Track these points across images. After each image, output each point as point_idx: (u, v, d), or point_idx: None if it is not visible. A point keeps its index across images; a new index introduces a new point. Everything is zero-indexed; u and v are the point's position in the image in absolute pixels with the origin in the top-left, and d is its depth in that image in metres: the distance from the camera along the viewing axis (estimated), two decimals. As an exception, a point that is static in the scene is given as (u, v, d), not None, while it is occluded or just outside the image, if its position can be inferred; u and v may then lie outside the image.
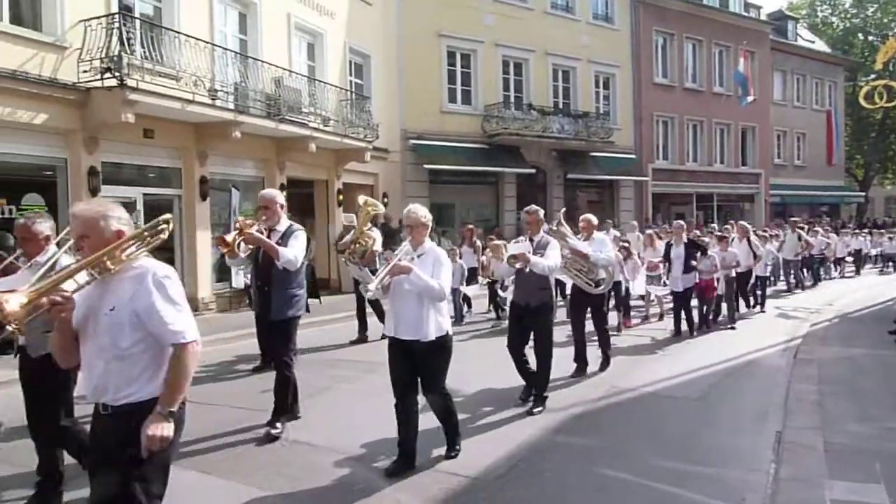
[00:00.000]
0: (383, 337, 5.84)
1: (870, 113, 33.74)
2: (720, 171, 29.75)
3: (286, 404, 5.79)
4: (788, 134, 34.02)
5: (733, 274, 11.47)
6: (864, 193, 41.24)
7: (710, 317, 11.26)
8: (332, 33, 16.57)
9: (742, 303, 12.79)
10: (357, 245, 8.29)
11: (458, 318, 11.53)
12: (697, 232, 16.59)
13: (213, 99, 11.91)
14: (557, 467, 5.01)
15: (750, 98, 27.53)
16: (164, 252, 12.48)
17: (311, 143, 14.32)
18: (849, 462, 4.80)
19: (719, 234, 12.59)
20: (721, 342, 9.95)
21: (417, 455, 4.89)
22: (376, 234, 8.61)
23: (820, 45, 38.44)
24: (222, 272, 13.28)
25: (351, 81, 17.56)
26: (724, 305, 11.61)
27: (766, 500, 4.34)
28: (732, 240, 12.40)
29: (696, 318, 10.69)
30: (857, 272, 21.91)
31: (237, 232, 5.55)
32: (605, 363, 7.99)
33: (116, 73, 10.12)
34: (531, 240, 6.42)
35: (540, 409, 6.25)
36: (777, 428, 5.78)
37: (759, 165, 31.35)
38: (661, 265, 11.25)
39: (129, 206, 11.84)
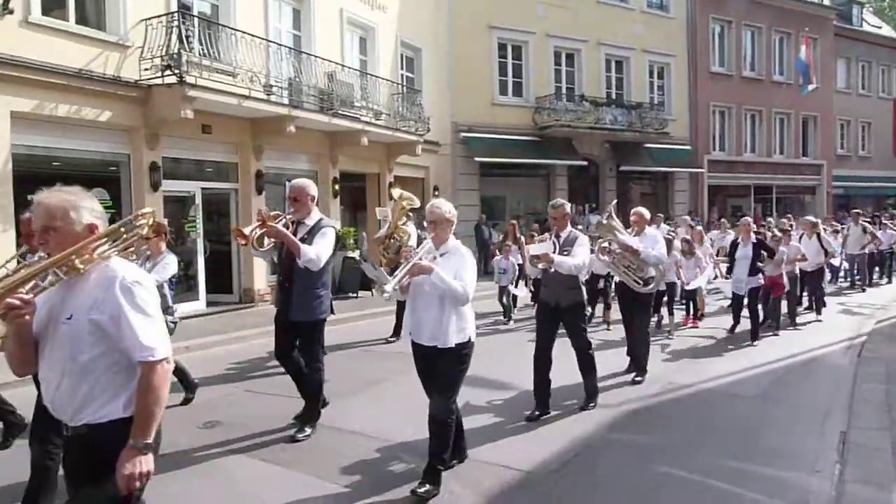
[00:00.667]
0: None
1: (940, 100, 32.12)
2: (780, 162, 28.81)
3: (316, 410, 5.59)
4: (852, 123, 32.67)
5: (797, 272, 10.92)
6: (933, 185, 39.34)
7: (772, 318, 10.33)
8: (384, 27, 16.67)
9: (803, 304, 12.09)
10: (392, 240, 8.13)
11: (507, 318, 11.31)
12: (754, 226, 15.86)
13: (268, 94, 12.14)
14: (612, 464, 4.96)
15: (812, 86, 26.56)
16: (221, 245, 12.85)
17: (363, 137, 14.46)
18: (920, 465, 4.61)
19: (781, 228, 11.90)
20: (781, 339, 9.66)
21: (469, 446, 4.91)
22: (412, 230, 8.40)
23: (887, 31, 36.73)
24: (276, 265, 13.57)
25: (402, 75, 17.65)
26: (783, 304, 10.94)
27: (830, 502, 4.21)
28: (801, 236, 11.87)
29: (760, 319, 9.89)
30: None
31: (258, 224, 5.19)
32: (638, 368, 7.32)
33: (176, 71, 10.40)
34: (557, 236, 6.04)
35: (592, 405, 6.15)
36: (841, 428, 5.59)
37: (820, 156, 30.23)
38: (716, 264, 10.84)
39: (189, 199, 12.21)
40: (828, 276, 12.27)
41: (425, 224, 5.30)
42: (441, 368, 4.36)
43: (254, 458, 5.08)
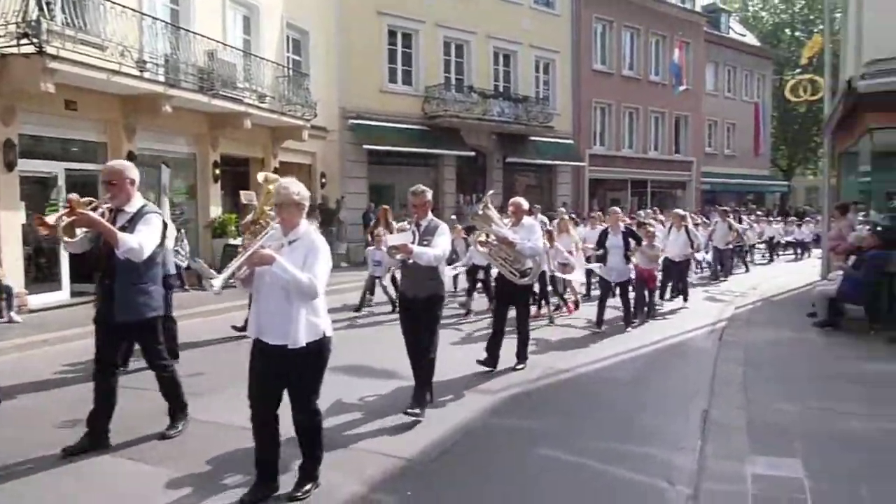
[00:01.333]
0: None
1: (794, 106, 35.11)
2: (654, 158, 30.51)
3: (180, 406, 5.26)
4: (719, 124, 35.16)
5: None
6: (787, 183, 43.14)
7: (647, 308, 10.73)
8: (269, 7, 16.09)
9: (663, 297, 12.47)
10: (257, 226, 7.82)
11: (393, 307, 10.80)
12: (627, 219, 16.44)
13: (141, 70, 11.40)
14: (493, 449, 5.04)
15: (683, 87, 28.26)
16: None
17: (246, 120, 13.91)
18: (770, 439, 4.99)
19: (644, 221, 12.22)
20: (652, 325, 10.21)
21: (351, 435, 4.84)
22: None
23: (751, 39, 39.76)
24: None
25: (288, 58, 17.13)
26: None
27: (692, 477, 4.47)
28: (671, 228, 12.25)
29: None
30: (771, 259, 22.36)
31: (67, 211, 4.56)
32: (521, 359, 7.34)
33: (35, 40, 9.52)
34: (418, 225, 5.75)
35: (416, 411, 5.47)
36: (704, 407, 5.97)
37: (691, 153, 32.29)
38: (583, 252, 11.05)
39: (51, 181, 11.27)
40: (693, 267, 12.95)
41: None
42: (295, 373, 3.94)
43: (120, 458, 4.75)
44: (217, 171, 14.55)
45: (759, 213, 27.99)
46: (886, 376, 6.85)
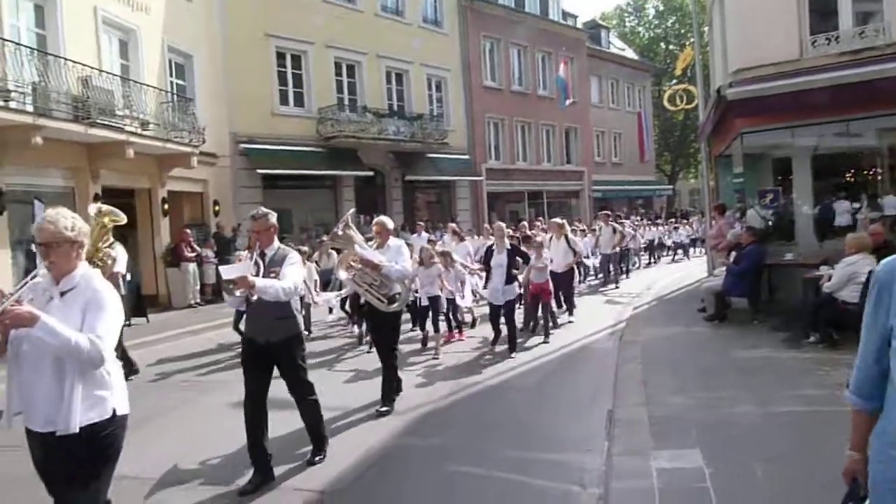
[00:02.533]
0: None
1: (673, 114, 37.26)
2: (548, 169, 31.47)
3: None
4: (606, 134, 36.76)
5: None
6: (671, 187, 45.70)
7: (549, 321, 10.06)
8: (148, 30, 15.41)
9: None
10: (93, 266, 7.21)
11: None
12: (531, 231, 15.38)
13: (5, 101, 10.59)
14: (407, 471, 4.96)
15: (570, 101, 29.38)
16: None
17: (128, 149, 13.18)
18: (670, 432, 5.18)
19: (533, 236, 11.59)
20: (556, 330, 10.41)
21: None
22: (119, 252, 7.86)
23: (630, 53, 41.97)
24: None
25: (172, 82, 16.44)
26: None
27: (601, 477, 4.56)
28: (551, 238, 11.53)
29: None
30: (652, 262, 22.77)
31: None
32: (385, 404, 6.36)
33: None
34: (262, 254, 4.89)
35: (319, 459, 5.03)
36: (608, 407, 6.14)
37: (581, 163, 33.55)
38: (474, 272, 10.55)
39: None
40: (578, 276, 12.66)
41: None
42: (70, 464, 2.88)
43: None
44: (99, 204, 13.64)
45: (638, 217, 28.92)
46: (768, 362, 7.29)
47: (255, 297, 4.67)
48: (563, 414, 6.22)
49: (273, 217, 4.99)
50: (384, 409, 6.31)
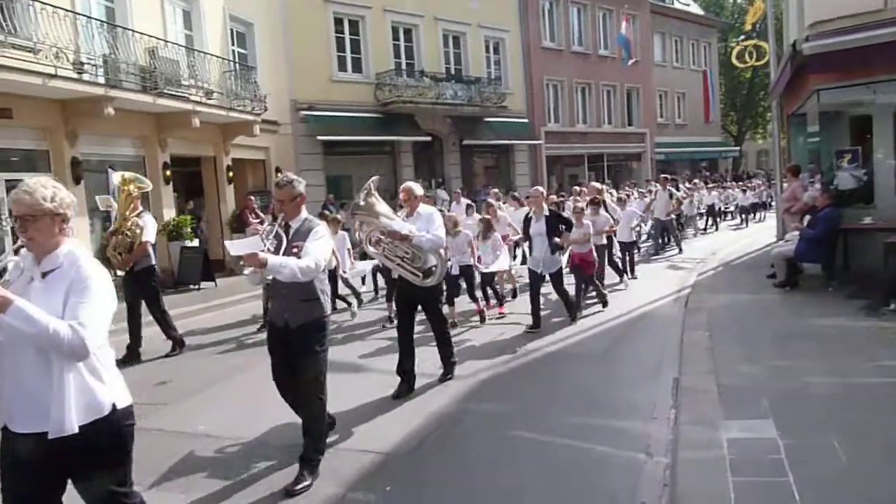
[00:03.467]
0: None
1: (741, 72, 35.75)
2: (608, 131, 30.74)
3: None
4: (669, 94, 35.57)
5: (603, 241, 10.28)
6: (738, 148, 44.03)
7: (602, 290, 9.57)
8: (210, 0, 15.62)
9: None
10: (121, 236, 7.14)
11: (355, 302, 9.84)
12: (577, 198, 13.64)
13: (79, 73, 10.95)
14: (470, 435, 5.00)
15: (632, 60, 28.47)
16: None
17: (194, 118, 13.51)
18: (740, 401, 5.06)
19: (578, 206, 10.31)
20: (617, 297, 10.26)
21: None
22: (148, 221, 7.57)
23: (695, 8, 40.23)
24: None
25: (234, 51, 16.69)
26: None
27: (668, 446, 4.50)
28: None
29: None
30: (715, 227, 21.47)
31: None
32: (447, 372, 6.30)
33: (-38, 46, 9.09)
34: (287, 226, 4.35)
35: (301, 486, 4.13)
36: (674, 375, 6.03)
37: (644, 125, 32.63)
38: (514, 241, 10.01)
39: (-9, 193, 10.81)
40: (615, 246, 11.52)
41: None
42: (84, 466, 2.59)
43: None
44: (168, 173, 14.15)
45: (696, 181, 27.04)
46: (844, 331, 7.00)
47: (269, 276, 4.18)
48: (628, 381, 6.14)
49: (301, 185, 4.40)
50: (448, 376, 6.26)
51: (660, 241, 15.85)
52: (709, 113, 36.71)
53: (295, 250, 4.18)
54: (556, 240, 8.24)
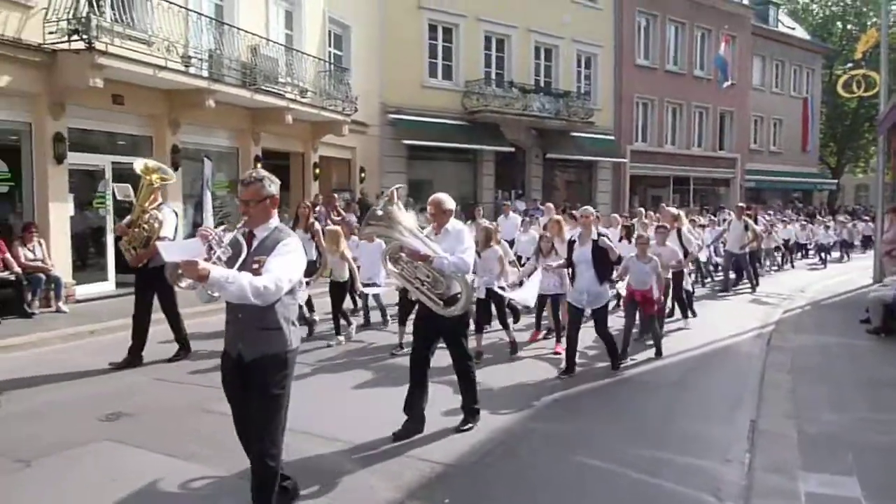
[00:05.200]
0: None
1: (845, 102, 34.00)
2: (697, 154, 29.88)
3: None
4: (765, 119, 34.24)
5: (669, 275, 8.96)
6: (836, 181, 41.80)
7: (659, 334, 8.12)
8: (312, 2, 16.14)
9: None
10: (137, 229, 6.62)
11: (308, 327, 8.57)
12: (644, 220, 13.18)
13: (186, 66, 11.53)
14: (531, 455, 4.94)
15: (728, 82, 27.60)
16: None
17: (287, 115, 13.99)
18: (823, 452, 4.80)
19: (657, 224, 9.47)
20: (695, 328, 9.93)
21: (386, 439, 4.80)
22: (167, 215, 6.82)
23: (800, 32, 38.59)
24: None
25: (330, 52, 17.18)
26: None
27: (741, 491, 4.32)
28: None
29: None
30: (790, 264, 19.28)
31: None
32: (467, 420, 5.34)
33: (84, 36, 9.70)
34: (251, 235, 3.51)
35: None
36: (751, 416, 5.78)
37: (735, 150, 31.55)
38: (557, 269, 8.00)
39: (98, 173, 11.50)
40: (690, 276, 10.48)
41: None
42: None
43: (156, 453, 4.79)
44: (258, 166, 14.68)
45: (779, 213, 24.69)
46: (946, 388, 6.54)
47: (216, 294, 3.26)
48: (700, 417, 5.92)
49: (273, 185, 3.53)
50: (466, 426, 5.28)
51: (731, 275, 14.17)
52: (807, 142, 35.12)
53: (255, 266, 3.37)
54: (607, 269, 7.09)
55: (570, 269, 7.35)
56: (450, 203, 5.26)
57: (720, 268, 15.12)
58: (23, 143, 10.26)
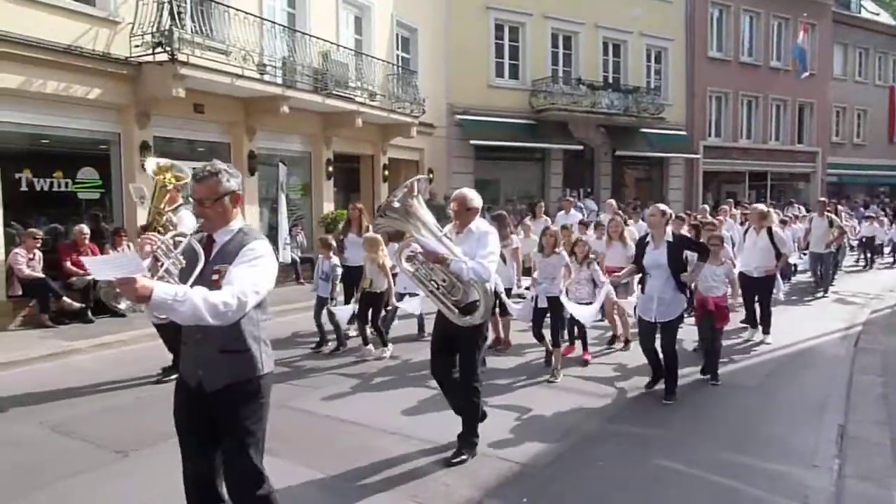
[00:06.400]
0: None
1: (936, 88, 32.10)
2: (775, 148, 28.76)
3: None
4: (848, 110, 32.60)
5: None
6: (927, 174, 39.41)
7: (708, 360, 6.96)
8: (380, 6, 16.40)
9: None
10: (151, 233, 5.16)
11: (318, 345, 8.21)
12: (718, 218, 12.07)
13: (261, 73, 11.93)
14: (609, 456, 4.90)
15: (807, 73, 26.45)
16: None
17: (357, 118, 14.27)
18: (919, 461, 4.58)
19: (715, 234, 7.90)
20: (778, 328, 9.53)
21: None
22: (185, 217, 5.88)
23: (885, 18, 36.57)
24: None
25: (398, 55, 17.40)
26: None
27: (829, 498, 4.17)
28: (746, 231, 9.06)
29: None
30: (868, 265, 17.58)
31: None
32: (460, 451, 4.67)
33: (167, 48, 10.17)
34: (210, 241, 2.96)
35: None
36: (839, 421, 5.55)
37: (816, 143, 30.20)
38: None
39: (180, 179, 12.00)
40: (782, 285, 9.57)
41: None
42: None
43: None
44: (330, 169, 15.04)
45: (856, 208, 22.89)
46: None
47: (162, 316, 2.71)
48: (784, 420, 5.72)
49: (232, 179, 2.96)
50: (459, 458, 4.62)
51: (819, 276, 12.96)
52: (893, 133, 33.30)
53: (215, 277, 2.80)
54: (684, 275, 6.15)
55: (641, 275, 6.44)
56: (476, 200, 4.74)
57: (794, 269, 14.10)
58: (112, 151, 10.84)
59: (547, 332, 7.10)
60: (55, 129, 10.04)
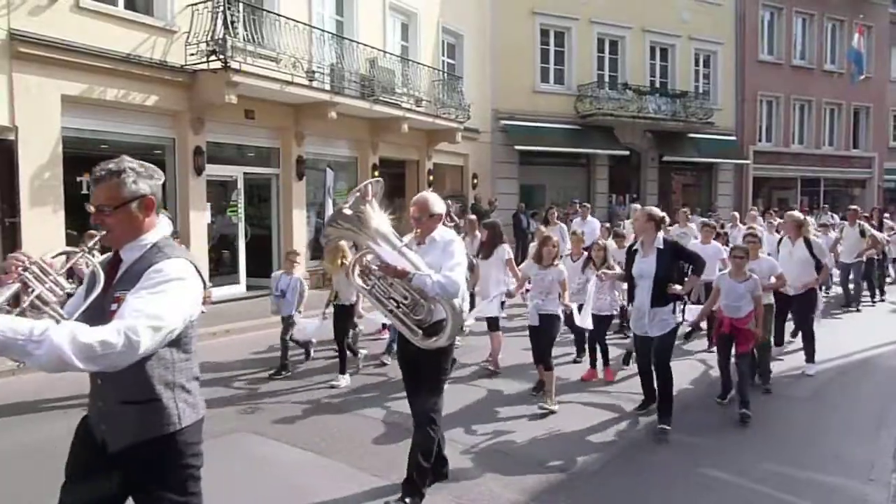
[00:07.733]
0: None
1: None
2: (829, 154, 27.93)
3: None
4: (906, 114, 31.47)
5: (771, 298, 6.81)
6: None
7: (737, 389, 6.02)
8: (426, 13, 16.55)
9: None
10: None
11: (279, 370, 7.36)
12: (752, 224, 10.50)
13: (310, 80, 12.15)
14: (657, 464, 4.86)
15: (863, 76, 25.66)
16: (262, 229, 12.97)
17: (403, 124, 14.42)
18: (983, 478, 4.42)
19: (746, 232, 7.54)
20: (833, 338, 9.25)
21: (511, 441, 4.85)
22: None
23: (947, 18, 35.25)
24: (316, 251, 13.60)
25: (443, 61, 17.52)
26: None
27: (887, 514, 4.06)
28: (780, 241, 8.08)
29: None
30: None
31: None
32: (408, 492, 4.03)
33: (221, 56, 10.46)
34: (115, 258, 2.38)
35: None
36: (896, 435, 5.40)
37: (872, 148, 29.24)
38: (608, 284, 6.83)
39: (231, 183, 12.33)
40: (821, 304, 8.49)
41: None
42: None
43: (290, 445, 5.10)
44: (376, 174, 15.20)
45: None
46: None
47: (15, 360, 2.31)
48: (839, 433, 5.58)
49: (138, 181, 2.29)
50: (406, 499, 4.00)
51: (849, 289, 11.92)
52: (956, 138, 32.01)
53: (114, 307, 2.17)
54: (677, 287, 5.49)
55: (630, 285, 5.92)
56: (438, 206, 4.18)
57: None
58: (167, 156, 11.17)
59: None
60: (114, 135, 10.39)
